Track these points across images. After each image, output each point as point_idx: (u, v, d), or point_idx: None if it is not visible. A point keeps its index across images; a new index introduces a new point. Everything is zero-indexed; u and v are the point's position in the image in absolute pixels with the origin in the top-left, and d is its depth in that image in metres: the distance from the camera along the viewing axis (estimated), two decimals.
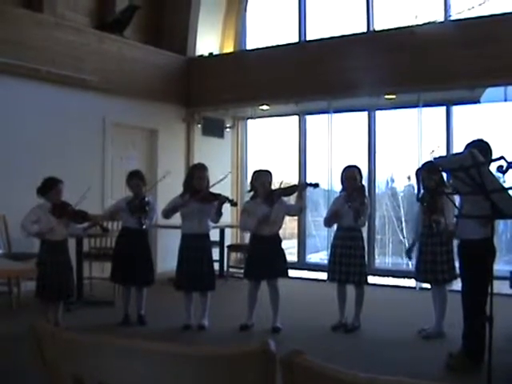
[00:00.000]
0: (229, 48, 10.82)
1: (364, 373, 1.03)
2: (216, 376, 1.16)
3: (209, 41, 10.55)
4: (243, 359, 1.14)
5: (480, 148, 3.92)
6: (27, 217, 5.58)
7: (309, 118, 10.41)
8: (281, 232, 6.15)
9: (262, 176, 6.05)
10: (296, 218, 9.50)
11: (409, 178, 9.65)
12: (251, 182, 6.16)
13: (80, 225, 5.87)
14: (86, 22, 9.14)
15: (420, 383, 0.96)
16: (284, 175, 10.33)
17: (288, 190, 6.04)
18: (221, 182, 6.13)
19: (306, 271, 9.74)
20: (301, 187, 6.18)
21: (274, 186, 6.13)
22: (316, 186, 6.08)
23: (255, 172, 6.19)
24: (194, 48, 10.32)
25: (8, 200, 6.98)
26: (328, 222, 6.24)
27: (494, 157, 3.73)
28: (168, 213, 6.03)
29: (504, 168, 3.41)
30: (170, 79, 9.80)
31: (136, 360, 1.21)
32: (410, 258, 6.18)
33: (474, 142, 4.57)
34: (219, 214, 5.93)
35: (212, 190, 5.99)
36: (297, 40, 10.13)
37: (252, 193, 6.15)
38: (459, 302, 4.70)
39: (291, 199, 6.30)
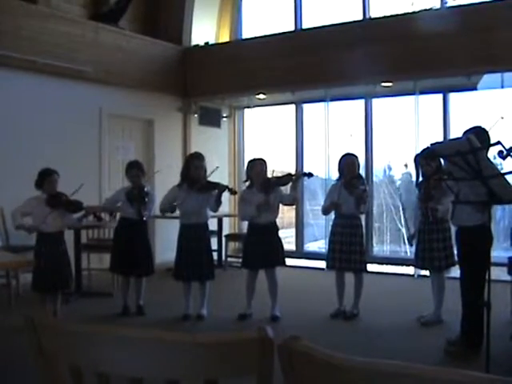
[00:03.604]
0: (225, 37, 10.77)
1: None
2: (215, 363, 1.16)
3: (204, 30, 10.50)
4: (241, 346, 1.14)
5: (478, 134, 3.92)
6: (19, 207, 5.60)
7: (305, 106, 10.40)
8: (279, 221, 6.14)
9: (257, 165, 6.05)
10: (294, 207, 9.48)
11: (406, 165, 9.62)
12: (246, 172, 6.17)
13: (74, 214, 5.86)
14: (81, 13, 9.09)
15: (417, 367, 0.96)
16: (281, 164, 10.34)
17: (283, 179, 6.02)
18: (218, 171, 6.12)
19: (304, 260, 9.76)
20: (296, 177, 6.13)
21: (271, 174, 6.12)
22: (310, 175, 6.09)
23: (250, 161, 6.19)
24: (190, 38, 10.27)
25: (5, 192, 6.96)
26: (326, 211, 6.25)
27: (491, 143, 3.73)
28: (166, 211, 6.01)
29: (504, 153, 3.40)
30: (166, 69, 9.76)
31: (135, 349, 1.20)
32: (411, 244, 6.18)
33: (472, 128, 4.57)
34: (218, 202, 5.92)
35: (210, 178, 5.98)
36: (293, 28, 10.09)
37: (248, 182, 6.15)
38: (458, 288, 4.72)
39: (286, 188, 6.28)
